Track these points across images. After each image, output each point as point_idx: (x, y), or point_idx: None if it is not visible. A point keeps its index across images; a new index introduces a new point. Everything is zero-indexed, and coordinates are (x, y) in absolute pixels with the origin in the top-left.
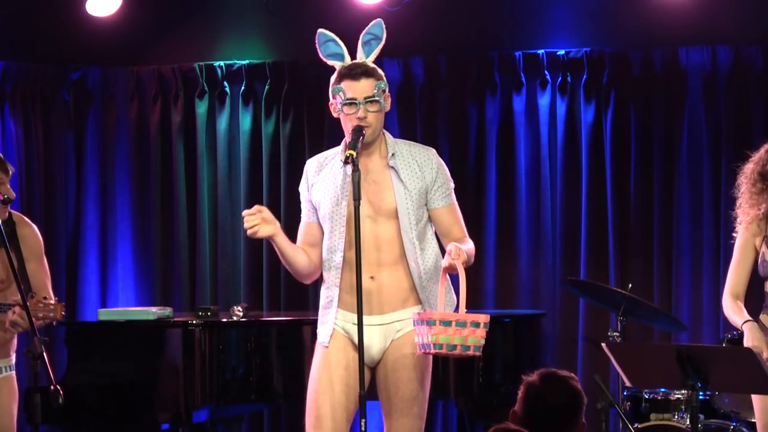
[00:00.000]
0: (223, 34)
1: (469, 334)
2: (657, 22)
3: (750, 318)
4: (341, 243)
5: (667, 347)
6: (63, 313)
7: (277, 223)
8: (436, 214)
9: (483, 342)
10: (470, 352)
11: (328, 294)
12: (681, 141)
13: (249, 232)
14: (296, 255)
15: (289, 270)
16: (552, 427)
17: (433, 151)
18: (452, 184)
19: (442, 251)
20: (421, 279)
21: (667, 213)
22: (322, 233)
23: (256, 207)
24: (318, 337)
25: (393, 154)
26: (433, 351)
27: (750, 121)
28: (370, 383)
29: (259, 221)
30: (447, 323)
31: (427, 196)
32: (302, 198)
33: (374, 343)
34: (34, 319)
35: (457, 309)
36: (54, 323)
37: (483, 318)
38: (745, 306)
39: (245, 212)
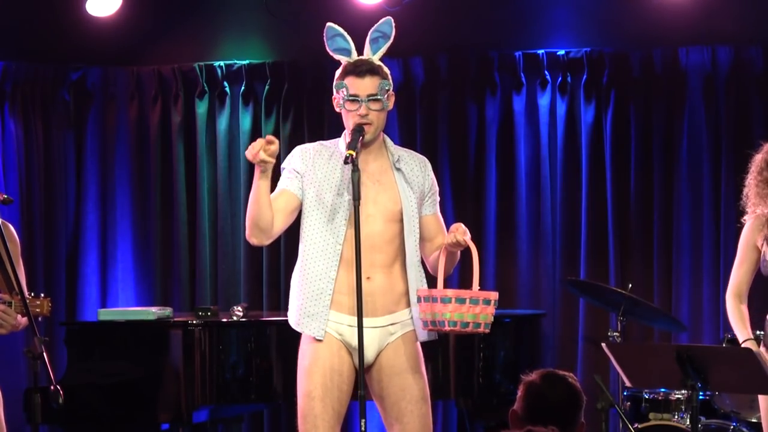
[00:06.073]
0: (223, 34)
1: (481, 311)
2: (657, 22)
3: (752, 336)
4: (341, 237)
5: (667, 347)
6: (49, 307)
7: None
8: (425, 221)
9: (492, 319)
10: (480, 329)
11: (318, 285)
12: (681, 141)
13: (260, 156)
14: (268, 204)
15: (250, 214)
16: (553, 425)
17: (427, 159)
18: (438, 196)
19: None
20: (415, 282)
21: (667, 213)
22: (295, 207)
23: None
24: (304, 329)
25: (399, 158)
26: (446, 328)
27: (750, 121)
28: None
29: (263, 151)
30: (461, 301)
31: (421, 202)
32: (289, 168)
33: (368, 345)
34: (19, 316)
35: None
36: (40, 319)
37: (493, 295)
38: (749, 303)
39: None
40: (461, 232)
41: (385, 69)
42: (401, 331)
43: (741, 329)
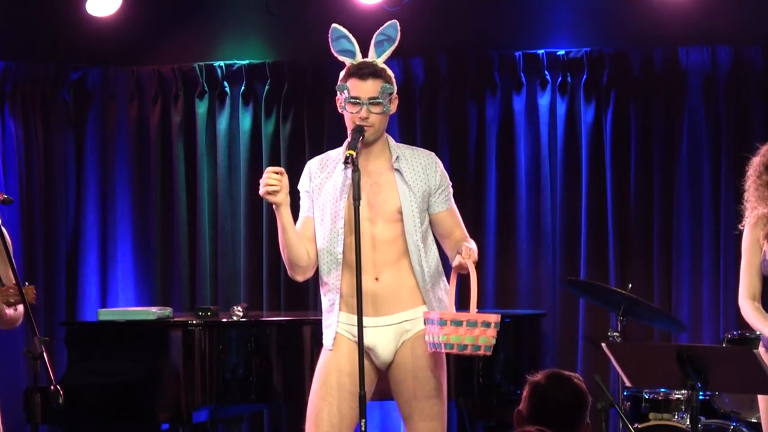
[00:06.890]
0: (223, 34)
1: (480, 334)
2: (657, 22)
3: None
4: (340, 245)
5: (667, 347)
6: (34, 294)
7: (288, 196)
8: (438, 218)
9: (494, 342)
10: (481, 352)
11: (330, 297)
12: (681, 141)
13: (264, 190)
14: (299, 239)
15: (285, 257)
16: (559, 426)
17: (435, 155)
18: (451, 189)
19: (441, 254)
20: (425, 282)
21: (667, 213)
22: None
23: (281, 169)
24: (323, 339)
25: (397, 157)
26: (443, 351)
27: (750, 121)
28: (377, 384)
29: (279, 186)
30: (458, 323)
31: (430, 200)
32: (302, 192)
33: (386, 344)
34: (5, 306)
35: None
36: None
37: (494, 318)
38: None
39: (270, 169)
40: (466, 255)
41: (389, 72)
42: (416, 328)
43: (762, 323)
